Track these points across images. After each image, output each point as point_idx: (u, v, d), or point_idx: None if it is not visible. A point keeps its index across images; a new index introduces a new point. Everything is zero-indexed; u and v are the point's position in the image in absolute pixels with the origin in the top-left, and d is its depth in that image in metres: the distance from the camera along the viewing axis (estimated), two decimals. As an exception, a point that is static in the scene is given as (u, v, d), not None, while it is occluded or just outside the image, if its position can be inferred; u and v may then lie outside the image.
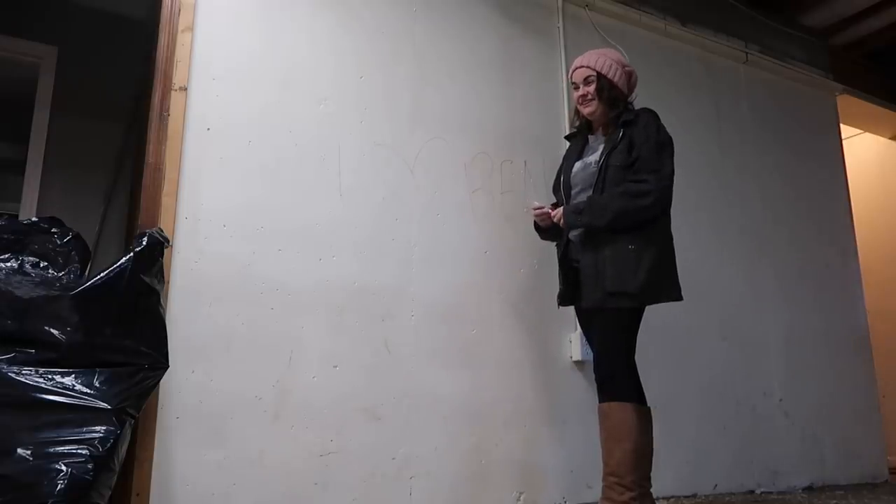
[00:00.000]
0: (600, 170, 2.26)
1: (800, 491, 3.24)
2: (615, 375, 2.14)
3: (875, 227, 4.76)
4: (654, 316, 2.97)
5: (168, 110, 2.19)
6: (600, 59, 2.32)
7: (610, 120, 2.31)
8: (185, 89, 2.24)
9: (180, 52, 2.24)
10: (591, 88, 2.31)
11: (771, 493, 3.16)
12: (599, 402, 2.17)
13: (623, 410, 2.09)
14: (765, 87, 3.87)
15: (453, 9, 2.87)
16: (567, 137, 2.56)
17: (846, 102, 4.26)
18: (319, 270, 2.36)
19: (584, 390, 2.75)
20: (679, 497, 2.90)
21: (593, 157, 2.30)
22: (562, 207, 2.28)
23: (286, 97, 2.42)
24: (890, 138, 4.96)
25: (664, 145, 2.22)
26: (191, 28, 2.29)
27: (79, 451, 1.55)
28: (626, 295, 2.11)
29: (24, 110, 3.17)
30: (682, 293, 2.23)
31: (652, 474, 2.24)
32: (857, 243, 4.03)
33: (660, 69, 3.44)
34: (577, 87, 2.37)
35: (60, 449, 1.54)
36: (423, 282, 2.55)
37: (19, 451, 1.52)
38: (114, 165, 3.26)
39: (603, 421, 2.15)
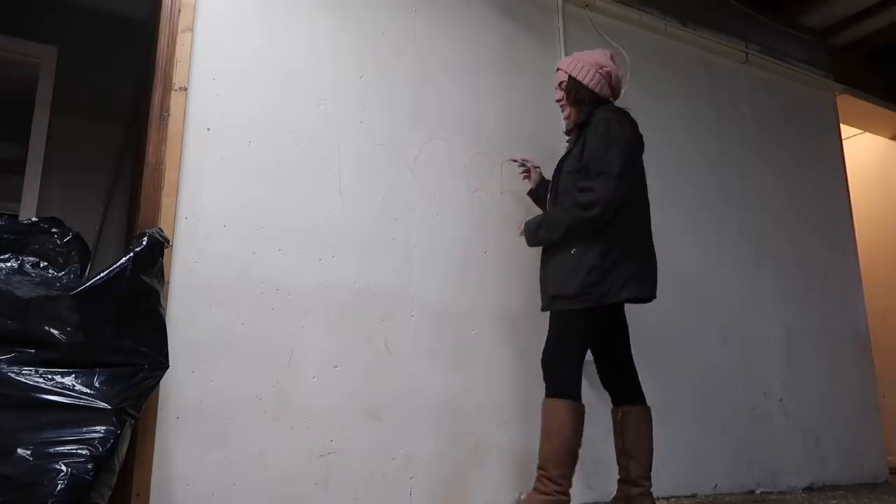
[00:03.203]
0: (553, 176, 2.34)
1: (800, 491, 3.24)
2: (555, 373, 2.19)
3: (875, 228, 4.76)
4: (655, 316, 2.98)
5: (168, 110, 2.19)
6: (574, 61, 2.36)
7: (580, 122, 2.33)
8: (185, 89, 2.24)
9: (180, 52, 2.24)
10: (563, 92, 2.35)
11: (771, 493, 3.16)
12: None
13: (556, 406, 2.15)
14: (765, 87, 3.87)
15: (454, 8, 2.87)
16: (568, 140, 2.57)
17: (846, 102, 4.26)
18: (319, 270, 2.36)
19: (583, 390, 2.74)
20: (679, 497, 2.90)
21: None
22: (525, 223, 2.38)
23: (286, 97, 2.42)
24: (890, 138, 4.96)
25: (611, 143, 2.17)
26: (191, 28, 2.28)
27: (79, 451, 1.55)
28: (564, 298, 2.17)
29: (24, 110, 3.17)
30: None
31: (652, 474, 2.25)
32: (857, 243, 4.03)
33: (660, 69, 3.44)
34: (556, 92, 2.42)
35: (60, 449, 1.54)
36: (423, 282, 2.55)
37: (19, 451, 1.51)
38: (114, 165, 3.26)
39: (541, 416, 2.20)
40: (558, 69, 2.41)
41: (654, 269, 2.30)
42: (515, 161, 2.66)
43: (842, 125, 4.23)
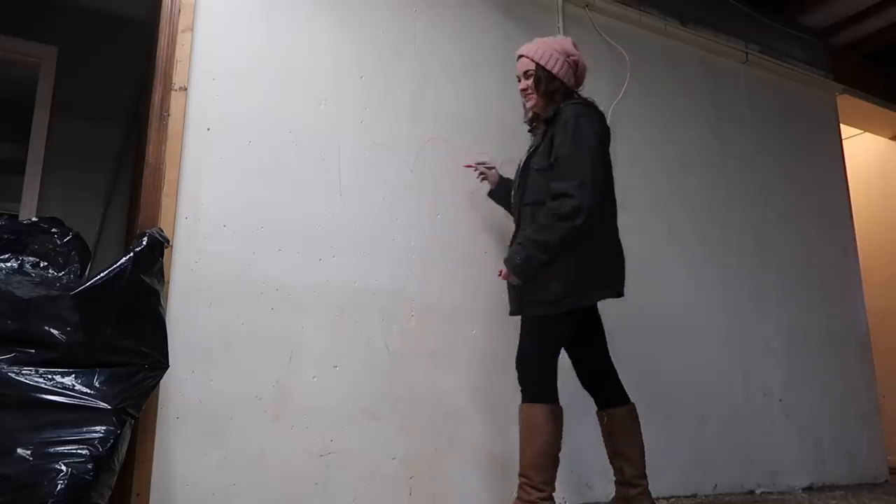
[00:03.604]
0: (520, 173, 2.25)
1: (800, 491, 3.24)
2: (530, 378, 2.13)
3: (875, 228, 4.76)
4: (654, 316, 2.98)
5: (168, 110, 2.19)
6: (541, 48, 2.23)
7: (548, 115, 2.22)
8: (185, 89, 2.24)
9: (180, 52, 2.24)
10: (531, 82, 2.24)
11: (771, 493, 3.16)
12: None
13: (533, 411, 2.09)
14: (765, 87, 3.87)
15: (454, 8, 2.87)
16: (530, 130, 2.45)
17: (846, 102, 4.26)
18: (319, 270, 2.36)
19: (583, 390, 2.74)
20: (679, 497, 2.90)
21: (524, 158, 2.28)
22: (504, 263, 2.20)
23: (286, 97, 2.42)
24: (890, 138, 4.96)
25: (582, 142, 2.07)
26: (191, 28, 2.28)
27: (79, 451, 1.55)
28: (542, 302, 2.10)
29: (24, 110, 3.17)
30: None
31: (652, 474, 2.24)
32: (857, 243, 4.03)
33: (660, 69, 3.44)
34: (519, 80, 2.31)
35: (60, 449, 1.54)
36: (423, 282, 2.55)
37: (19, 451, 1.51)
38: (114, 165, 3.26)
39: (519, 421, 2.14)
40: (521, 56, 2.28)
41: (623, 264, 2.23)
42: (470, 167, 2.60)
43: (842, 125, 4.23)
